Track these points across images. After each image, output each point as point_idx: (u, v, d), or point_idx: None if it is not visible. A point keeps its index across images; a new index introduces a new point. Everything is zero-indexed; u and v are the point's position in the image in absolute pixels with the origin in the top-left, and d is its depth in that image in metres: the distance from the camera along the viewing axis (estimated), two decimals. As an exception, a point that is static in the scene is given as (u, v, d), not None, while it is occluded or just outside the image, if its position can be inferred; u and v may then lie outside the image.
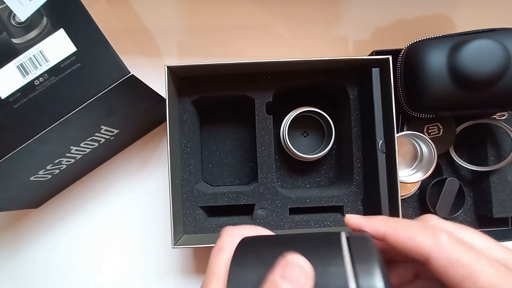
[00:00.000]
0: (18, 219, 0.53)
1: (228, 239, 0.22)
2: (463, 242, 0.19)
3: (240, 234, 0.23)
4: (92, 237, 0.53)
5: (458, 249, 0.19)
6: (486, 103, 0.43)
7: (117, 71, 0.35)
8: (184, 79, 0.45)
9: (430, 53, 0.42)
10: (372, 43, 0.54)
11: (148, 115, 0.49)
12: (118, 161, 0.54)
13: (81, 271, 0.53)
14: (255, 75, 0.45)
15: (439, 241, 0.19)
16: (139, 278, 0.52)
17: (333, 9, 0.55)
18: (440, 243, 0.19)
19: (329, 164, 0.51)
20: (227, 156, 0.51)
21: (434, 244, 0.19)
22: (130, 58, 0.52)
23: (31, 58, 0.35)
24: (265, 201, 0.44)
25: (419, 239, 0.19)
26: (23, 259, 0.53)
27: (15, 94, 0.35)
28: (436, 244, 0.19)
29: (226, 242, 0.22)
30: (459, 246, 0.19)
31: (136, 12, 0.54)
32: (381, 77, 0.41)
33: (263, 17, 0.54)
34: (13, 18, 0.35)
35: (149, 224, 0.53)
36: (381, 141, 0.41)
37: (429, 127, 0.49)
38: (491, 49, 0.40)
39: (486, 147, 0.50)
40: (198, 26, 0.54)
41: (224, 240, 0.22)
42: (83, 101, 0.35)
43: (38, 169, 0.42)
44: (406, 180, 0.47)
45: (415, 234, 0.20)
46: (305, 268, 0.18)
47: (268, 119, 0.45)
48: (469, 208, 0.52)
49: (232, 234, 0.23)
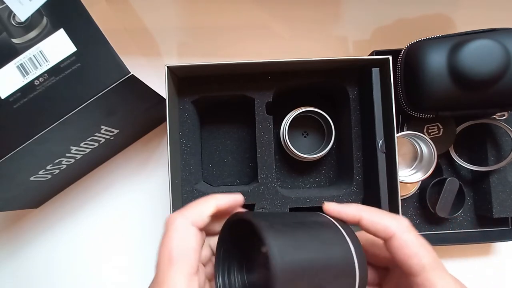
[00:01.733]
0: (18, 219, 0.53)
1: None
2: (416, 232, 0.25)
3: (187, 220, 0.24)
4: (92, 237, 0.53)
5: (414, 233, 0.24)
6: (486, 103, 0.43)
7: (117, 71, 0.35)
8: (184, 79, 0.45)
9: (430, 53, 0.42)
10: (372, 43, 0.54)
11: (148, 115, 0.49)
12: (118, 161, 0.54)
13: (81, 271, 0.53)
14: (255, 75, 0.44)
15: (402, 224, 0.25)
16: (139, 278, 0.52)
17: (333, 9, 0.55)
18: (402, 226, 0.25)
19: (329, 164, 0.51)
20: (227, 156, 0.51)
21: (397, 225, 0.24)
22: (130, 58, 0.52)
23: (31, 58, 0.35)
24: (265, 201, 0.44)
25: (386, 221, 0.25)
26: (23, 259, 0.53)
27: (15, 94, 0.35)
28: (398, 225, 0.24)
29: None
30: (414, 231, 0.25)
31: (136, 12, 0.54)
32: (381, 77, 0.41)
33: (263, 17, 0.54)
34: (13, 18, 0.35)
35: (149, 224, 0.53)
36: (381, 141, 0.41)
37: (429, 127, 0.49)
38: (491, 49, 0.40)
39: (486, 147, 0.50)
40: (198, 26, 0.54)
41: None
42: (83, 101, 0.35)
43: (38, 169, 0.42)
44: (406, 180, 0.47)
45: (384, 216, 0.25)
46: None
47: (268, 119, 0.45)
48: (469, 208, 0.52)
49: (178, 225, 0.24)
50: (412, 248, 0.24)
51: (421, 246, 0.24)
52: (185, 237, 0.23)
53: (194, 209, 0.24)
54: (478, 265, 0.54)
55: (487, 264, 0.54)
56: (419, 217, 0.51)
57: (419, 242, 0.24)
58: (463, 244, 0.51)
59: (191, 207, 0.25)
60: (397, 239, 0.24)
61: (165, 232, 0.24)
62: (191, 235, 0.23)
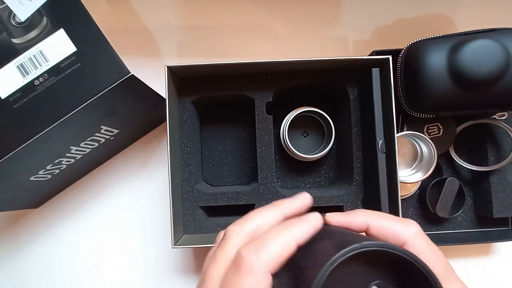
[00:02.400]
0: (18, 219, 0.53)
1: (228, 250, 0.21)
2: (428, 238, 0.23)
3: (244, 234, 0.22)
4: (92, 237, 0.53)
5: (425, 239, 0.23)
6: (486, 103, 0.43)
7: (117, 71, 0.35)
8: (184, 79, 0.45)
9: (430, 53, 0.42)
10: (372, 43, 0.54)
11: (148, 115, 0.49)
12: (118, 161, 0.54)
13: (81, 271, 0.53)
14: (255, 75, 0.45)
15: (412, 230, 0.23)
16: (139, 278, 0.52)
17: (333, 9, 0.55)
18: (413, 232, 0.23)
19: (329, 164, 0.51)
20: (227, 156, 0.51)
21: (407, 231, 0.23)
22: (130, 58, 0.52)
23: (31, 58, 0.35)
24: (265, 201, 0.44)
25: (396, 227, 0.23)
26: (23, 259, 0.53)
27: (15, 94, 0.35)
28: (409, 231, 0.23)
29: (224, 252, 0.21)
30: (425, 237, 0.23)
31: (136, 12, 0.54)
32: (381, 77, 0.41)
33: (263, 17, 0.54)
34: (13, 18, 0.35)
35: (149, 224, 0.53)
36: (381, 141, 0.41)
37: (429, 127, 0.49)
38: (491, 49, 0.40)
39: (486, 147, 0.50)
40: (198, 26, 0.54)
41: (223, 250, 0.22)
42: (83, 101, 0.35)
43: (38, 169, 0.42)
44: (406, 180, 0.47)
45: (392, 222, 0.24)
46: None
47: (268, 119, 0.45)
48: (469, 208, 0.52)
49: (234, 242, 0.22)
50: (423, 257, 0.20)
51: (433, 254, 0.23)
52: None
53: (273, 249, 0.20)
54: (478, 265, 0.54)
55: (487, 264, 0.54)
56: (419, 217, 0.51)
57: (430, 250, 0.23)
58: (463, 244, 0.51)
59: (269, 244, 0.20)
60: (408, 247, 0.23)
61: (236, 273, 0.20)
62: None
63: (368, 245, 0.19)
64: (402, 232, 0.23)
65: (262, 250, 0.20)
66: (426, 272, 0.19)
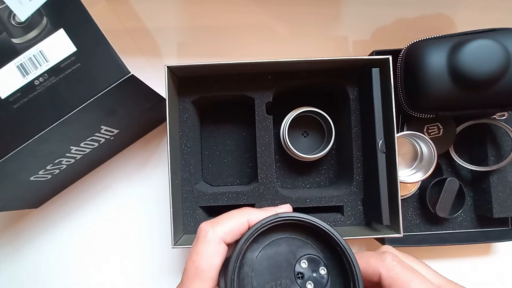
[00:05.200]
0: (18, 219, 0.53)
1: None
2: (405, 264, 0.24)
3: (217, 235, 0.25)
4: (92, 237, 0.53)
5: (399, 268, 0.24)
6: (486, 103, 0.43)
7: (117, 71, 0.35)
8: (184, 79, 0.45)
9: (430, 53, 0.42)
10: (372, 43, 0.54)
11: (148, 115, 0.49)
12: (118, 161, 0.54)
13: (81, 271, 0.53)
14: (255, 75, 0.45)
15: (385, 262, 0.24)
16: (139, 278, 0.52)
17: (333, 9, 0.55)
18: (386, 263, 0.24)
19: (329, 164, 0.51)
20: (227, 156, 0.51)
21: (382, 265, 0.24)
22: (130, 58, 0.52)
23: (31, 58, 0.35)
24: (265, 201, 0.44)
25: (372, 262, 0.25)
26: (23, 259, 0.53)
27: (15, 94, 0.35)
28: (384, 264, 0.24)
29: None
30: (400, 266, 0.24)
31: (136, 12, 0.54)
32: (381, 77, 0.41)
33: (263, 17, 0.54)
34: (13, 18, 0.35)
35: (149, 224, 0.53)
36: (381, 141, 0.41)
37: (429, 127, 0.49)
38: (491, 49, 0.40)
39: (486, 147, 0.50)
40: (198, 26, 0.54)
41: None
42: (83, 101, 0.35)
43: (38, 169, 0.42)
44: (406, 180, 0.47)
45: (369, 259, 0.25)
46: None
47: (268, 119, 0.45)
48: (469, 208, 0.52)
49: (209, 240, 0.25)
50: (399, 285, 0.23)
51: (411, 279, 0.23)
52: (212, 254, 0.24)
53: (225, 224, 0.25)
54: (478, 265, 0.54)
55: (487, 264, 0.54)
56: (419, 217, 0.51)
57: (408, 275, 0.23)
58: (463, 244, 0.51)
59: (223, 221, 0.25)
60: (383, 278, 0.24)
61: (196, 241, 0.25)
62: (218, 252, 0.25)
63: (268, 219, 0.24)
64: (375, 265, 0.24)
65: (218, 224, 0.25)
66: (336, 239, 0.22)
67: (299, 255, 0.24)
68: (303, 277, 0.24)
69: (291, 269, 0.24)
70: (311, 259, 0.24)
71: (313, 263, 0.24)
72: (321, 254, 0.24)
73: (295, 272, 0.24)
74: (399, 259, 0.25)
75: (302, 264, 0.24)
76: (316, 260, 0.24)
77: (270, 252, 0.24)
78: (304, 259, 0.24)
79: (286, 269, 0.24)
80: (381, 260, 0.25)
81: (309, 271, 0.24)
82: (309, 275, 0.24)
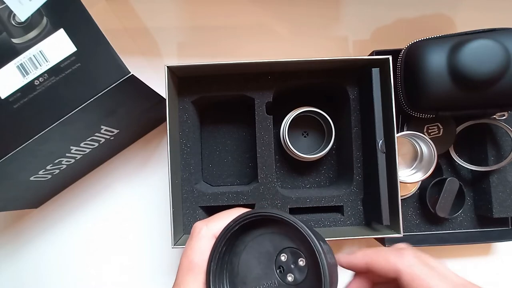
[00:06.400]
0: (18, 219, 0.53)
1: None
2: (425, 262, 0.25)
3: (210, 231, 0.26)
4: (92, 237, 0.53)
5: (420, 266, 0.24)
6: (486, 103, 0.43)
7: (117, 71, 0.35)
8: (184, 79, 0.45)
9: (430, 53, 0.42)
10: (372, 43, 0.54)
11: (148, 115, 0.49)
12: (118, 161, 0.54)
13: (82, 271, 0.53)
14: (255, 75, 0.45)
15: (405, 259, 0.25)
16: (139, 278, 0.52)
17: (333, 9, 0.55)
18: (406, 260, 0.24)
19: (329, 164, 0.51)
20: (227, 156, 0.51)
21: (401, 262, 0.24)
22: (130, 58, 0.52)
23: (31, 58, 0.35)
24: (265, 201, 0.44)
25: (391, 259, 0.25)
26: (23, 259, 0.53)
27: (15, 94, 0.35)
28: (403, 261, 0.24)
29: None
30: (420, 263, 0.24)
31: (136, 12, 0.54)
32: (381, 77, 0.41)
33: (264, 17, 0.54)
34: (13, 18, 0.35)
35: (149, 224, 0.53)
36: (381, 141, 0.41)
37: (429, 127, 0.49)
38: (491, 49, 0.40)
39: (486, 147, 0.50)
40: (198, 26, 0.54)
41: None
42: (83, 101, 0.35)
43: (38, 169, 0.42)
44: (406, 180, 0.47)
45: (388, 256, 0.25)
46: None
47: (268, 119, 0.45)
48: (469, 208, 0.52)
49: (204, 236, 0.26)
50: (419, 283, 0.23)
51: (432, 277, 0.24)
52: (205, 249, 0.25)
53: (218, 222, 0.26)
54: (478, 265, 0.54)
55: (487, 264, 0.54)
56: (419, 217, 0.51)
57: (428, 274, 0.24)
58: (463, 244, 0.51)
59: (216, 219, 0.27)
60: (404, 275, 0.24)
61: (190, 238, 0.27)
62: (211, 247, 0.26)
63: (243, 215, 0.25)
64: (396, 262, 0.25)
65: (211, 222, 0.27)
66: (301, 229, 0.23)
67: (279, 248, 0.26)
68: (284, 270, 0.25)
69: (272, 262, 0.26)
70: (292, 252, 0.25)
71: (293, 256, 0.25)
72: (301, 248, 0.25)
73: (276, 265, 0.26)
74: (419, 256, 0.25)
75: (281, 258, 0.25)
76: (296, 253, 0.25)
77: (254, 246, 0.26)
78: (283, 253, 0.25)
79: (269, 262, 0.26)
80: (401, 257, 0.25)
81: (289, 264, 0.25)
82: (289, 267, 0.25)
